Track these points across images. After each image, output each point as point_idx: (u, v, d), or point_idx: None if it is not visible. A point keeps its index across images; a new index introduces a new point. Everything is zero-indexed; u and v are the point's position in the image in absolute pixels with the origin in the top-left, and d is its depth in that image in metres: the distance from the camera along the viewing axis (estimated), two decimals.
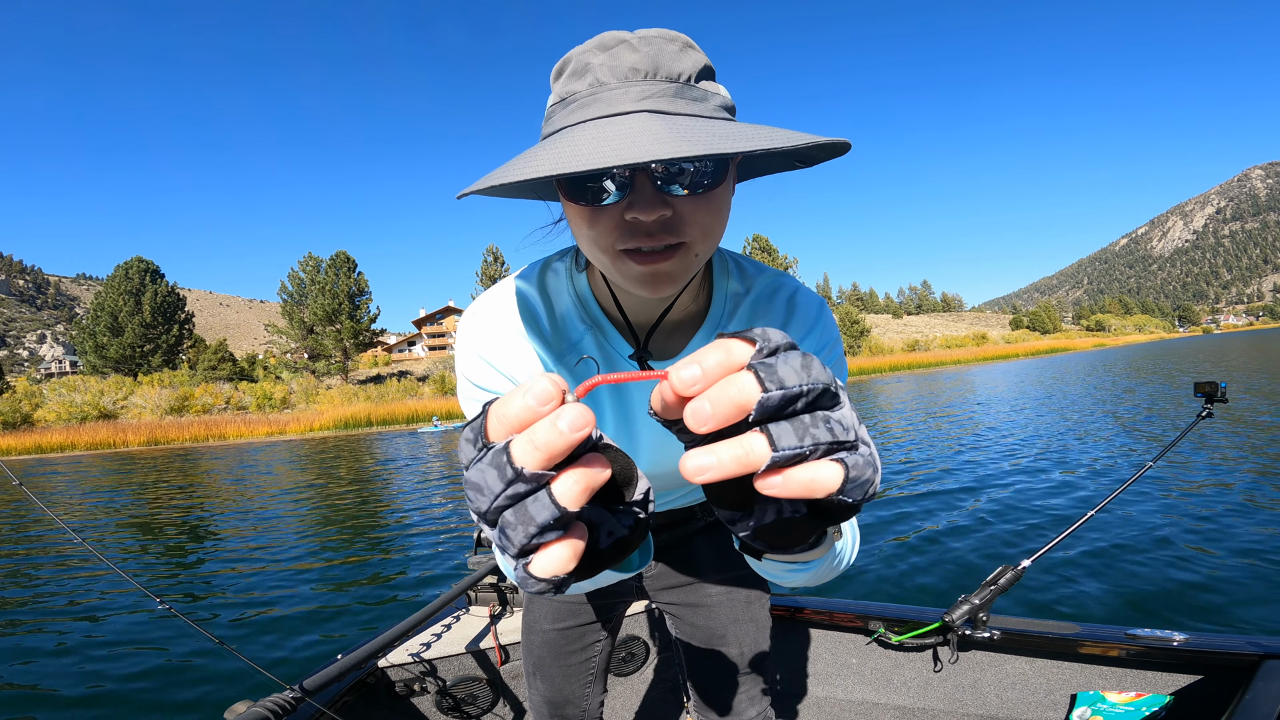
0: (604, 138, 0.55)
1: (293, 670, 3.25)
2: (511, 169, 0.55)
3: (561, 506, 0.32)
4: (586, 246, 0.67)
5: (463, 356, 0.85)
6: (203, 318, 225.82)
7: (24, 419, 36.02)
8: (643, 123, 0.56)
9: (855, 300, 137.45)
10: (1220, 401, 1.96)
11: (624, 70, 0.60)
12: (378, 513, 8.13)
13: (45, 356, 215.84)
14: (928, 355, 64.97)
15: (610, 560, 0.40)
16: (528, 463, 0.32)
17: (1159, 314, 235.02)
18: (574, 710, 1.26)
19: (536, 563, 0.34)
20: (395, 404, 37.04)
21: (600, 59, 0.61)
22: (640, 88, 0.60)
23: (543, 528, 0.33)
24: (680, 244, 0.64)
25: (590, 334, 0.85)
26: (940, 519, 5.29)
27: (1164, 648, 1.55)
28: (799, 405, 0.33)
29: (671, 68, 0.61)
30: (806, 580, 0.66)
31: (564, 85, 0.64)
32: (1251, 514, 4.73)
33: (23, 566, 6.49)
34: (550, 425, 0.31)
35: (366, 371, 58.22)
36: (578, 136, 0.56)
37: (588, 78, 0.62)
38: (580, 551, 0.34)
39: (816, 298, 0.90)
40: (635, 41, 0.61)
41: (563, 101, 0.63)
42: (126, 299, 49.02)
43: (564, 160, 0.52)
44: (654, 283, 0.65)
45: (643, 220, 0.61)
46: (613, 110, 0.59)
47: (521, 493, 0.33)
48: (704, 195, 0.63)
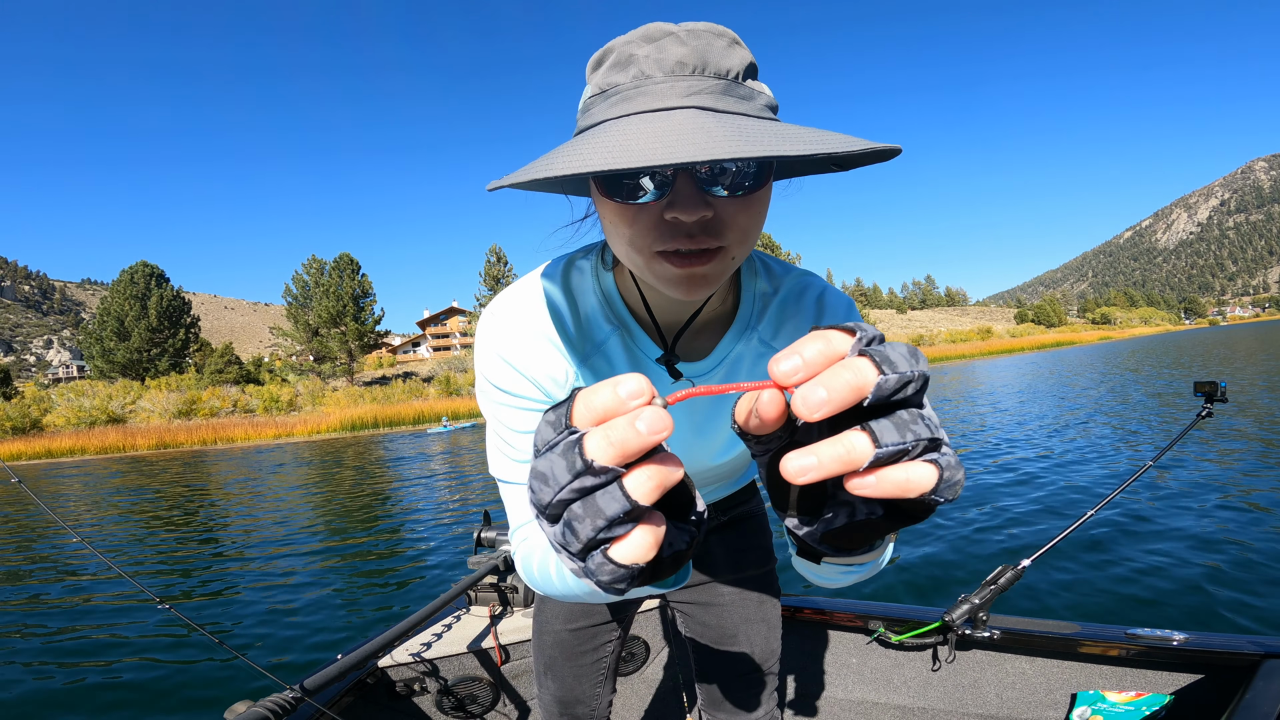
0: (654, 133, 0.52)
1: (293, 670, 3.26)
2: (555, 163, 0.52)
3: (634, 500, 0.32)
4: (620, 246, 0.65)
5: (483, 357, 0.82)
6: (208, 321, 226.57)
7: (33, 424, 36.16)
8: (694, 119, 0.54)
9: (859, 296, 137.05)
10: (1220, 401, 1.95)
11: (670, 64, 0.58)
12: (380, 513, 8.15)
13: (52, 361, 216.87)
14: (932, 350, 64.74)
15: (669, 569, 0.39)
16: (599, 456, 0.32)
17: (1164, 306, 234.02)
18: (584, 710, 1.26)
19: (618, 548, 0.33)
20: (401, 405, 37.03)
21: (645, 50, 0.59)
22: (687, 83, 0.57)
23: (612, 520, 0.32)
24: (719, 247, 0.62)
25: (616, 335, 0.83)
26: (940, 518, 5.28)
27: (1164, 647, 1.55)
28: (909, 391, 0.33)
29: (720, 63, 0.59)
30: (855, 580, 0.64)
31: (605, 76, 0.61)
32: (1252, 513, 4.71)
33: (24, 566, 6.53)
34: (628, 423, 0.31)
35: (371, 373, 58.27)
36: (625, 131, 0.54)
37: (631, 70, 0.59)
38: (660, 539, 0.34)
39: (845, 297, 0.89)
40: (683, 35, 0.59)
41: (603, 94, 0.61)
42: (132, 303, 49.19)
43: (614, 156, 0.49)
44: (690, 286, 0.64)
45: (683, 220, 0.59)
46: (659, 105, 0.57)
47: (590, 486, 0.33)
48: (745, 197, 0.61)
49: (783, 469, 0.33)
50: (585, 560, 0.35)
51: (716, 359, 0.85)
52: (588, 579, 0.36)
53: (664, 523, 0.35)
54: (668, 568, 0.39)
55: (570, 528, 0.34)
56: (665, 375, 0.85)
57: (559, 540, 0.35)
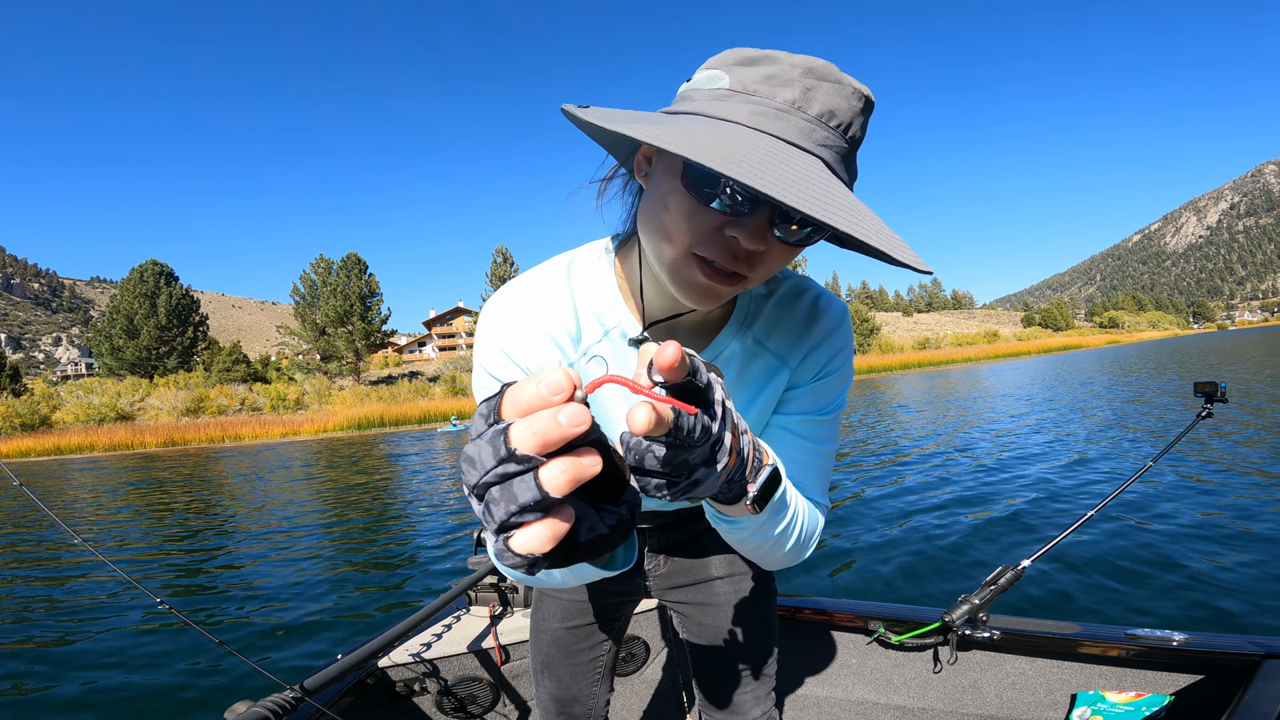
0: (791, 171, 0.54)
1: (293, 670, 3.27)
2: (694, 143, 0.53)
3: (544, 490, 0.34)
4: (661, 234, 0.66)
5: (482, 348, 0.84)
6: (216, 320, 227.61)
7: (42, 421, 36.43)
8: (821, 173, 0.57)
9: (865, 298, 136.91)
10: (1220, 401, 1.94)
11: (823, 109, 0.60)
12: (382, 513, 8.17)
13: (61, 359, 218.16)
14: (938, 353, 64.57)
15: (587, 554, 0.40)
16: (521, 445, 0.34)
17: (1173, 310, 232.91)
18: (581, 708, 1.26)
19: (516, 538, 0.35)
20: (407, 404, 37.16)
21: (808, 83, 0.60)
22: (826, 134, 0.60)
23: (523, 507, 0.34)
24: (745, 276, 0.65)
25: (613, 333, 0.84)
26: (941, 518, 5.27)
27: (1164, 647, 1.54)
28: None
29: (856, 131, 0.62)
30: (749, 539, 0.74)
31: (756, 82, 0.61)
32: (1252, 513, 4.69)
33: (24, 567, 6.55)
34: (550, 415, 0.33)
35: (378, 372, 58.47)
36: (758, 148, 0.55)
37: (788, 93, 0.60)
38: (560, 534, 0.35)
39: (840, 304, 0.91)
40: (846, 89, 0.61)
41: (747, 94, 0.61)
42: (142, 302, 49.52)
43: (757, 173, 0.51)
44: (705, 296, 0.67)
45: (741, 245, 0.62)
46: (795, 139, 0.59)
47: (510, 472, 0.34)
48: (792, 247, 0.65)
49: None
50: (496, 542, 0.37)
51: (709, 356, 0.86)
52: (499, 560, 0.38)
53: (571, 517, 0.36)
54: (585, 551, 0.40)
55: (489, 509, 0.35)
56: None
57: (482, 519, 0.37)
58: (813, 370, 0.89)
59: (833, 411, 0.92)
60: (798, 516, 0.78)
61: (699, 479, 0.47)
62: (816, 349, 0.88)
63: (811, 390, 0.90)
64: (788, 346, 0.88)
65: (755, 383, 0.88)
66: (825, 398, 0.91)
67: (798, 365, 0.88)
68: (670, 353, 0.39)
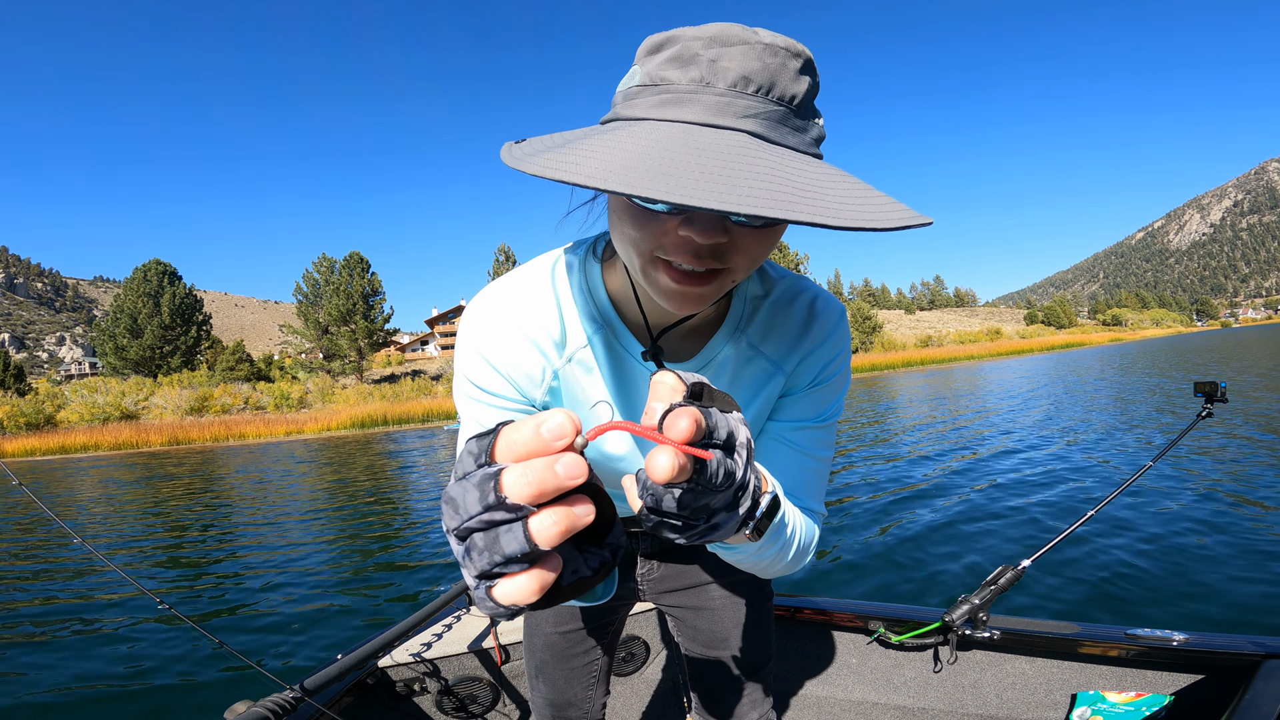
0: (700, 164, 0.47)
1: (293, 670, 3.27)
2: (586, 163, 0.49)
3: (534, 543, 0.32)
4: (623, 244, 0.64)
5: (463, 353, 0.80)
6: (218, 319, 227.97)
7: (47, 420, 36.50)
8: (743, 151, 0.50)
9: (867, 296, 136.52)
10: (1220, 401, 1.93)
11: (735, 76, 0.53)
12: (383, 512, 8.16)
13: (65, 358, 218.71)
14: (941, 351, 64.43)
15: (568, 596, 0.39)
16: (514, 494, 0.32)
17: (1176, 308, 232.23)
18: (576, 712, 1.25)
19: (500, 588, 0.34)
20: (410, 403, 37.18)
21: (713, 54, 0.54)
22: (747, 102, 0.53)
23: (509, 559, 0.33)
24: (723, 270, 0.61)
25: (600, 335, 0.81)
26: (941, 518, 5.26)
27: (1164, 647, 1.54)
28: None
29: (786, 88, 0.55)
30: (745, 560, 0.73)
31: (660, 68, 0.56)
32: (1252, 513, 4.67)
33: (25, 566, 6.56)
34: (548, 465, 0.32)
35: (380, 371, 58.52)
36: (668, 146, 0.49)
37: (692, 70, 0.54)
38: (546, 585, 0.34)
39: (838, 306, 0.88)
40: (758, 48, 0.54)
41: (654, 87, 0.56)
42: (145, 301, 49.55)
43: (650, 181, 0.45)
44: (681, 302, 0.62)
45: (697, 241, 0.57)
46: (711, 120, 0.53)
47: (498, 520, 0.33)
48: (763, 229, 0.59)
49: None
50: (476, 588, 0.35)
51: (702, 361, 0.84)
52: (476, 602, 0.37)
53: (559, 567, 0.35)
54: (566, 594, 0.39)
55: (469, 555, 0.34)
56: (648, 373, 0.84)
57: (460, 561, 0.36)
58: (809, 376, 0.87)
59: (830, 419, 0.89)
60: (795, 533, 0.75)
61: (718, 523, 0.45)
62: (812, 353, 0.86)
63: (807, 397, 0.87)
64: (783, 351, 0.85)
65: (749, 388, 0.86)
66: (822, 404, 0.88)
67: (793, 370, 0.86)
68: (684, 426, 0.36)
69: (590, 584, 0.40)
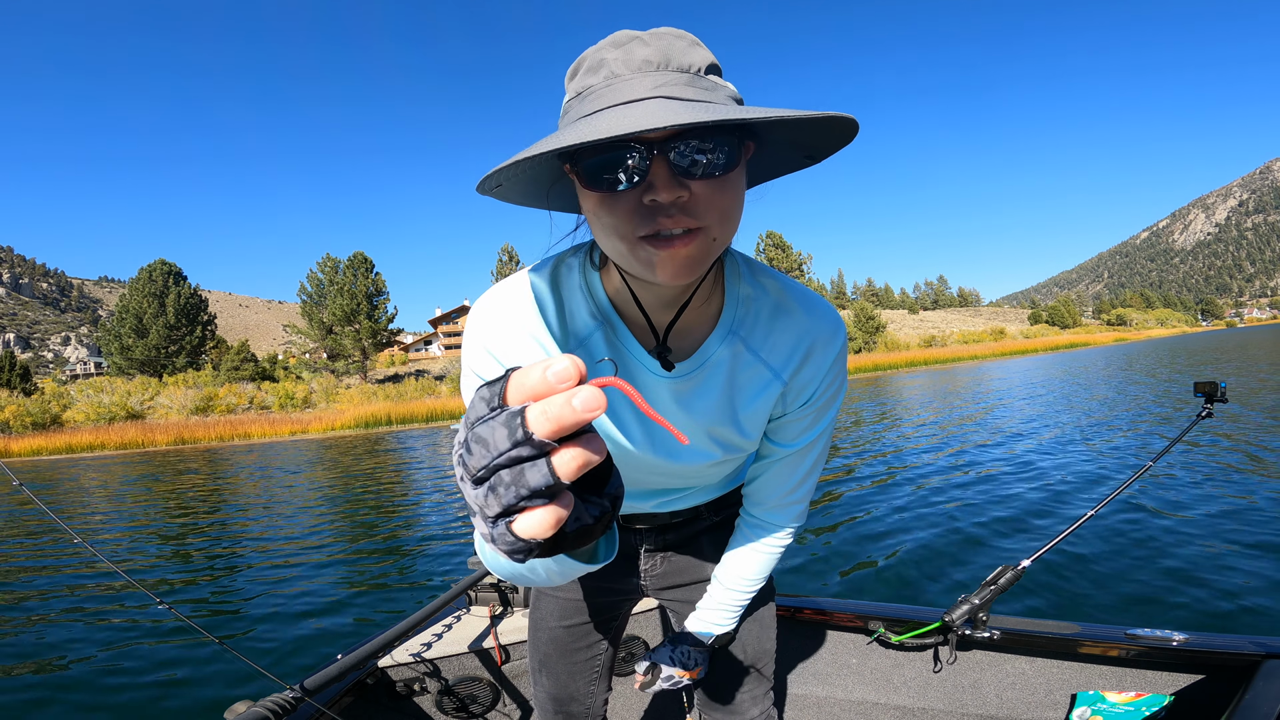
0: (621, 116, 0.55)
1: (293, 670, 3.27)
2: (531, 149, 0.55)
3: (557, 476, 0.34)
4: (605, 237, 0.67)
5: (470, 349, 0.85)
6: (223, 319, 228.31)
7: (53, 419, 36.61)
8: (660, 104, 0.58)
9: (870, 296, 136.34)
10: (1220, 401, 1.92)
11: (637, 62, 0.62)
12: (384, 512, 8.17)
13: (70, 358, 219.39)
14: (944, 351, 64.24)
15: (572, 544, 0.41)
16: (538, 429, 0.34)
17: (1181, 308, 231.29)
18: (579, 707, 1.27)
19: (520, 522, 0.36)
20: (414, 403, 37.21)
21: (614, 54, 0.64)
22: (653, 77, 0.61)
23: (534, 492, 0.35)
24: (699, 228, 0.64)
25: (600, 331, 0.85)
26: (941, 518, 5.26)
27: (1164, 647, 1.53)
28: None
29: (682, 60, 0.63)
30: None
31: (580, 81, 0.66)
32: (1252, 513, 4.67)
33: (25, 566, 6.57)
34: (565, 400, 0.34)
35: (384, 371, 58.60)
36: (596, 121, 0.56)
37: (603, 71, 0.64)
38: (562, 520, 0.36)
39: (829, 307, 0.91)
40: (647, 37, 0.64)
41: (579, 95, 0.65)
42: (150, 301, 49.71)
43: (582, 134, 0.53)
44: (674, 266, 0.65)
45: (661, 201, 0.61)
46: (628, 98, 0.60)
47: (524, 456, 0.35)
48: (719, 180, 0.63)
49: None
50: (494, 526, 0.37)
51: (698, 360, 0.86)
52: (492, 544, 0.38)
53: (572, 504, 0.37)
54: (570, 542, 0.41)
55: (493, 491, 0.36)
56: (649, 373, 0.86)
57: (478, 502, 0.37)
58: (805, 393, 0.90)
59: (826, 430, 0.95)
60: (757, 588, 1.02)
61: None
62: (810, 364, 0.88)
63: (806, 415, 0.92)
64: (781, 358, 0.88)
65: (746, 390, 0.89)
66: (819, 419, 0.93)
67: (790, 379, 0.89)
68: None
69: (592, 533, 0.42)
